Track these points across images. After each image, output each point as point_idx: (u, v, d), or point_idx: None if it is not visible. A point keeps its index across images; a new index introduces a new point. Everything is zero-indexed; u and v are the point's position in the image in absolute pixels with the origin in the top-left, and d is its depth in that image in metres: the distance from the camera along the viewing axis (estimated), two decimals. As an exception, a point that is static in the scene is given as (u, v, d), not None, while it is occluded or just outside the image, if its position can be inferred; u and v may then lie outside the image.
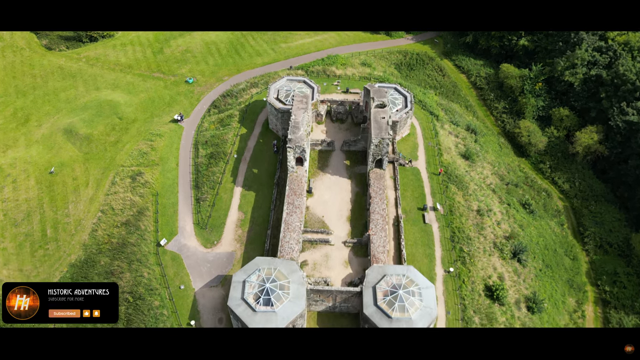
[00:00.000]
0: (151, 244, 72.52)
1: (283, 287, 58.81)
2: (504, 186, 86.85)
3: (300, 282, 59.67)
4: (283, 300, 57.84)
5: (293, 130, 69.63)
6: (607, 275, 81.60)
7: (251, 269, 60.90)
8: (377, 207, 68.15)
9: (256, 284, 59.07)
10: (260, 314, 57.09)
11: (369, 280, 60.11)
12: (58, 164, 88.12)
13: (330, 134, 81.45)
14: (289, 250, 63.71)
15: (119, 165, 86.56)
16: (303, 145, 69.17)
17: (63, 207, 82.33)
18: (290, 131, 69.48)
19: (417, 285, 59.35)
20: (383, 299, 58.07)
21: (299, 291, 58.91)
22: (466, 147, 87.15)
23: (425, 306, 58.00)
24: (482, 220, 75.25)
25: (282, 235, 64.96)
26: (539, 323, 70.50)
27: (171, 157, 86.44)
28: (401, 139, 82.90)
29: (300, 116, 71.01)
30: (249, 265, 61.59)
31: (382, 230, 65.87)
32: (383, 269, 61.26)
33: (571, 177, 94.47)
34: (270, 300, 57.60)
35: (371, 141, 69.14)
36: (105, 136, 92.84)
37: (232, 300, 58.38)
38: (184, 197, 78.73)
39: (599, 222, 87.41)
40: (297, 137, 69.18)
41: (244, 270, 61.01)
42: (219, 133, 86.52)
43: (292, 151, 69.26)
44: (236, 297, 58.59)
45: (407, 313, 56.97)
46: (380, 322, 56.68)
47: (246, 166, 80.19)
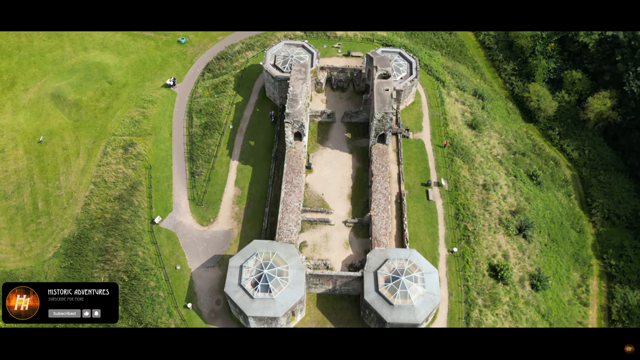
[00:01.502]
0: (145, 221, 70.17)
1: (281, 272, 56.86)
2: (511, 156, 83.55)
3: (299, 266, 57.68)
4: (281, 287, 56.06)
5: (291, 104, 65.62)
6: (614, 248, 79.74)
7: (248, 253, 58.78)
8: (379, 185, 65.22)
9: (254, 269, 57.10)
10: (258, 300, 55.45)
11: (370, 264, 58.09)
12: (47, 132, 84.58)
13: (330, 104, 77.30)
14: (288, 232, 61.34)
15: (111, 134, 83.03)
16: (302, 120, 65.36)
17: (54, 179, 79.57)
18: (288, 105, 65.49)
19: (419, 270, 57.38)
20: (385, 285, 56.23)
21: (298, 276, 57.03)
22: (473, 116, 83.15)
23: (428, 292, 56.27)
24: (487, 196, 72.54)
25: (281, 217, 62.41)
26: (542, 301, 69.26)
27: (164, 127, 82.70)
28: (405, 108, 78.84)
29: (298, 88, 66.79)
30: (246, 249, 59.42)
31: (384, 210, 63.23)
32: (385, 252, 59.12)
33: (581, 145, 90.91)
34: (268, 286, 55.82)
35: (374, 115, 65.29)
36: (95, 102, 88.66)
37: (229, 287, 56.61)
38: (178, 171, 75.67)
39: (607, 193, 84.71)
40: (296, 111, 65.30)
41: (241, 255, 58.90)
42: (214, 101, 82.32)
43: (290, 126, 65.57)
44: (233, 283, 56.78)
45: (409, 300, 55.29)
46: (381, 309, 55.09)
47: (242, 138, 76.59)
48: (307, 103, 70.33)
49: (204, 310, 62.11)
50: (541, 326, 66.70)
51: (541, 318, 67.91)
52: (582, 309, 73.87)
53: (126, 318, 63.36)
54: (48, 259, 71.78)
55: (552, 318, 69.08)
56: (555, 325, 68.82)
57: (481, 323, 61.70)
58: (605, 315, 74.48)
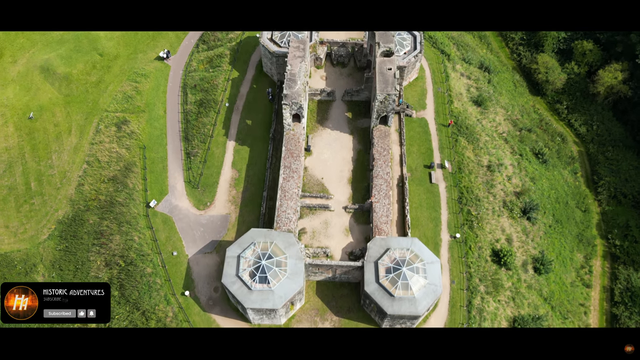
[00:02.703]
0: (140, 204, 68.45)
1: (280, 263, 55.49)
2: (517, 133, 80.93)
3: (298, 256, 56.28)
4: (280, 278, 54.82)
5: (289, 84, 62.58)
6: (619, 228, 78.33)
7: (246, 243, 57.27)
8: (381, 170, 63.01)
9: (251, 260, 55.72)
10: (257, 292, 54.33)
11: (371, 254, 56.66)
12: (37, 107, 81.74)
13: (330, 81, 74.01)
14: (286, 220, 59.61)
15: (103, 110, 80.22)
16: (300, 101, 62.45)
17: (46, 158, 77.38)
18: (285, 85, 62.47)
19: (421, 260, 55.96)
20: (385, 276, 54.94)
21: (297, 267, 55.70)
22: (479, 91, 79.95)
23: (430, 283, 55.05)
24: (492, 177, 70.45)
25: (279, 204, 60.53)
26: (545, 284, 68.35)
27: (158, 103, 79.71)
28: (408, 84, 75.62)
29: (297, 67, 63.55)
30: (244, 238, 57.87)
31: (386, 197, 61.30)
32: (386, 241, 57.58)
33: (589, 120, 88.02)
34: (266, 277, 54.55)
35: (376, 97, 62.36)
36: (86, 75, 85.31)
37: (227, 277, 55.39)
38: (174, 151, 73.31)
39: (614, 171, 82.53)
40: (294, 92, 62.33)
41: (238, 244, 57.40)
42: (209, 76, 78.97)
43: (289, 108, 62.74)
44: (231, 273, 55.53)
45: (410, 291, 54.13)
46: (382, 301, 54.02)
47: (239, 116, 73.81)
48: (306, 82, 67.19)
49: (201, 298, 61.23)
50: (543, 310, 66.01)
51: (543, 302, 67.17)
52: (585, 291, 73.14)
53: (124, 304, 62.61)
54: (43, 241, 70.50)
55: (554, 301, 68.37)
56: (557, 309, 68.22)
57: (483, 310, 60.92)
58: (608, 296, 73.82)
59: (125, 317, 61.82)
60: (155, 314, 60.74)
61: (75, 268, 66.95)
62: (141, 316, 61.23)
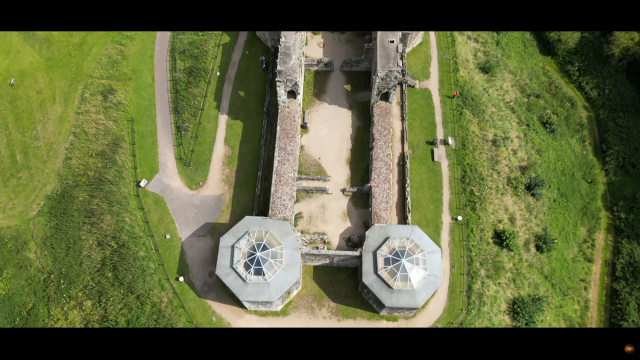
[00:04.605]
0: (130, 184, 65.86)
1: (275, 254, 53.71)
2: (525, 100, 76.80)
3: (294, 246, 54.43)
4: (275, 270, 53.25)
5: (283, 59, 58.08)
6: (625, 200, 76.04)
7: (240, 232, 55.23)
8: (381, 152, 59.85)
9: (246, 250, 53.90)
10: (252, 284, 52.98)
11: (369, 243, 54.79)
12: (18, 72, 77.20)
13: (328, 49, 69.05)
14: (282, 207, 57.24)
15: (88, 76, 75.75)
16: (295, 78, 58.22)
17: (30, 128, 73.89)
18: (279, 60, 58.00)
19: (421, 250, 54.19)
20: (384, 267, 53.35)
21: (293, 257, 54.00)
22: (486, 56, 75.02)
23: (430, 274, 53.58)
24: (497, 153, 67.40)
25: (274, 190, 57.91)
26: (546, 262, 67.13)
27: (145, 69, 75.02)
28: (412, 50, 70.70)
29: (291, 39, 58.75)
30: (238, 226, 55.74)
31: (385, 181, 58.59)
32: (385, 229, 55.52)
33: (601, 83, 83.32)
34: (261, 270, 52.98)
35: (377, 73, 58.07)
36: (67, 36, 79.90)
37: (221, 269, 53.83)
38: (163, 124, 69.72)
39: (624, 139, 79.06)
40: (288, 68, 57.95)
41: (232, 234, 55.37)
42: (198, 39, 73.74)
43: (283, 85, 58.63)
44: (225, 265, 53.92)
45: (409, 283, 52.77)
46: (380, 293, 52.81)
47: (231, 87, 69.56)
48: (301, 54, 62.48)
49: (196, 283, 60.14)
50: (543, 288, 65.25)
51: (544, 280, 66.24)
52: (586, 265, 72.02)
53: (117, 286, 61.55)
54: (33, 217, 68.53)
55: (555, 279, 67.43)
56: (557, 286, 67.41)
57: (483, 295, 59.98)
58: (609, 270, 72.78)
59: (120, 299, 60.93)
60: (150, 298, 59.80)
61: (67, 246, 65.35)
62: (136, 300, 60.32)
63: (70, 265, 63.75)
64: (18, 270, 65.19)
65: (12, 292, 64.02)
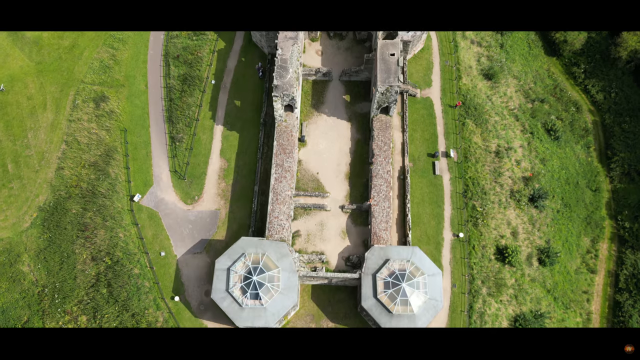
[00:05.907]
0: (124, 198, 64.25)
1: (272, 278, 52.40)
2: (529, 106, 74.66)
3: (291, 269, 53.11)
4: (272, 294, 52.04)
5: (280, 73, 55.88)
6: (629, 208, 74.43)
7: (236, 254, 53.87)
8: (381, 168, 58.06)
9: (242, 274, 52.57)
10: (248, 309, 51.88)
11: (369, 265, 53.47)
12: (7, 77, 75.04)
13: (326, 57, 66.62)
14: (279, 227, 55.69)
15: (79, 81, 73.60)
16: (292, 93, 56.07)
17: (21, 136, 72.06)
18: (276, 74, 55.82)
19: (422, 273, 52.89)
20: (384, 291, 52.11)
21: (291, 281, 52.73)
22: (490, 61, 72.67)
23: (431, 298, 52.40)
24: (500, 164, 65.65)
25: (271, 209, 56.30)
26: (549, 275, 65.97)
27: (138, 75, 72.73)
28: (413, 56, 68.31)
29: (288, 51, 56.46)
30: (233, 248, 54.34)
31: (386, 199, 56.95)
32: (385, 251, 54.15)
33: (607, 86, 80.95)
34: (258, 294, 51.73)
35: (377, 88, 55.92)
36: (58, 39, 77.45)
37: (216, 293, 52.65)
38: (157, 135, 67.74)
39: (630, 145, 77.10)
40: (285, 82, 55.78)
41: (227, 255, 54.01)
42: (192, 45, 71.27)
43: (280, 100, 56.53)
44: (220, 288, 52.71)
45: (409, 308, 51.61)
46: (379, 317, 51.69)
47: (227, 96, 67.39)
48: (298, 65, 60.17)
49: (192, 303, 59.02)
50: (545, 302, 64.26)
51: (546, 293, 65.16)
52: (589, 277, 70.81)
53: (112, 303, 60.45)
54: (26, 229, 67.17)
55: (557, 292, 66.35)
56: (560, 299, 66.38)
57: (484, 314, 58.93)
58: (612, 282, 71.63)
59: (115, 317, 59.89)
60: (145, 318, 58.76)
61: (60, 260, 64.12)
62: (131, 318, 59.31)
63: (64, 279, 62.60)
64: (12, 283, 64.07)
65: (6, 306, 63.05)
